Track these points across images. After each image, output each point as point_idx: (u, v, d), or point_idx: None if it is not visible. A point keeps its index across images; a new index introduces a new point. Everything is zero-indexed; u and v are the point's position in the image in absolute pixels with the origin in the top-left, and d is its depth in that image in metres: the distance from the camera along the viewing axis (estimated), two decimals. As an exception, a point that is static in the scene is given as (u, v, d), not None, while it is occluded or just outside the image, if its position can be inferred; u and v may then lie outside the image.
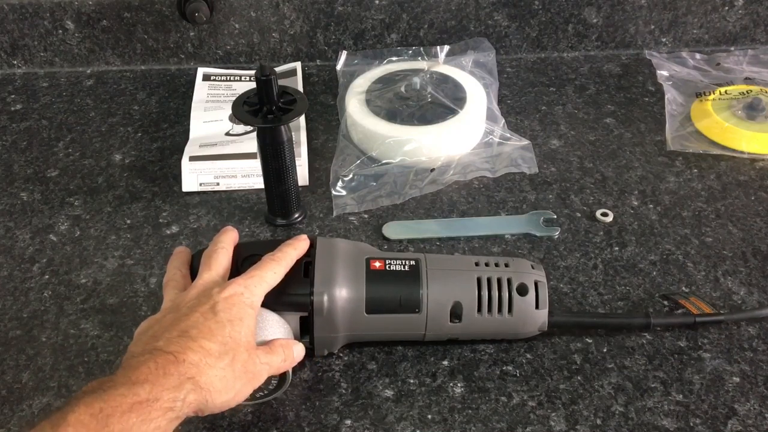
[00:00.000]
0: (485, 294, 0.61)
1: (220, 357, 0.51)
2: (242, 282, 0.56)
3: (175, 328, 0.52)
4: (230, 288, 0.55)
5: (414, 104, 0.85)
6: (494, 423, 0.58)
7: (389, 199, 0.79)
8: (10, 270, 0.73)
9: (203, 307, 0.54)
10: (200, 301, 0.55)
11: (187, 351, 0.50)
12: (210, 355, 0.51)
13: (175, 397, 0.48)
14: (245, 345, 0.53)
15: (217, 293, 0.55)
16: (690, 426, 0.58)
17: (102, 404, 0.45)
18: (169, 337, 0.51)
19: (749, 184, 0.81)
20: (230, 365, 0.52)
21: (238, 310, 0.54)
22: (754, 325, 0.66)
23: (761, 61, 0.97)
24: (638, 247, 0.74)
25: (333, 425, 0.58)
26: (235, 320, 0.54)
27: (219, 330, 0.52)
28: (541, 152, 0.86)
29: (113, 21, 0.99)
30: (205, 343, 0.51)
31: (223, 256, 0.60)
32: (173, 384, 0.48)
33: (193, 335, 0.51)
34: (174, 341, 0.51)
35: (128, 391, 0.46)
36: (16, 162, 0.87)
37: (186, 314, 0.53)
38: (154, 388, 0.47)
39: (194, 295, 0.56)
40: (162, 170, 0.85)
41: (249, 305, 0.55)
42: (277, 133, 0.70)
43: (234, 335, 0.53)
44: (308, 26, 1.00)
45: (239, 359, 0.53)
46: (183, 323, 0.52)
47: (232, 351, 0.52)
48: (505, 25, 1.01)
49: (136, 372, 0.48)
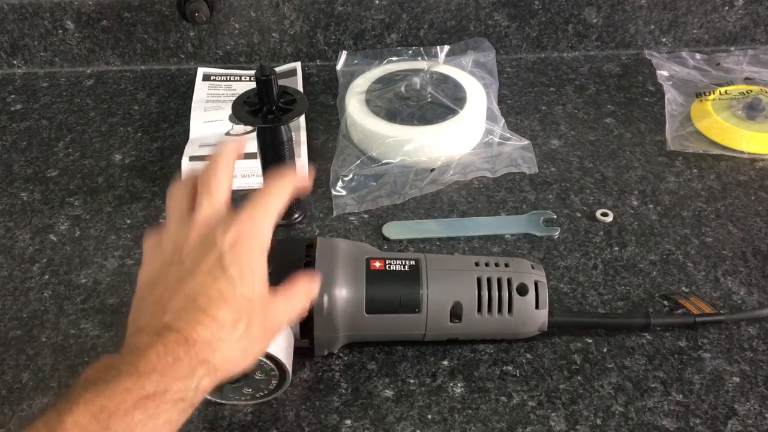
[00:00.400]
0: (485, 294, 0.61)
1: (234, 326, 0.45)
2: (247, 219, 0.48)
3: (181, 292, 0.46)
4: (235, 229, 0.48)
5: (414, 104, 0.85)
6: (494, 423, 0.58)
7: (389, 199, 0.79)
8: (10, 270, 0.73)
9: (208, 260, 0.47)
10: (204, 251, 0.47)
11: (197, 327, 0.44)
12: (223, 326, 0.45)
13: (186, 387, 0.43)
14: (260, 301, 0.47)
15: (221, 237, 0.47)
16: (690, 426, 0.58)
17: (104, 401, 0.40)
18: (175, 308, 0.45)
19: (749, 184, 0.81)
20: (246, 332, 0.46)
21: (249, 259, 0.47)
22: (754, 325, 0.66)
23: (761, 61, 0.97)
24: (638, 247, 0.74)
25: (333, 425, 0.58)
26: (246, 273, 0.47)
27: (230, 291, 0.46)
28: (541, 152, 0.86)
29: (113, 21, 0.99)
30: (217, 312, 0.45)
31: (225, 180, 0.51)
32: (184, 372, 0.43)
33: (201, 304, 0.45)
34: (182, 315, 0.45)
35: (134, 385, 0.41)
36: (16, 162, 0.87)
37: (191, 271, 0.47)
38: (162, 379, 0.42)
39: (197, 238, 0.48)
40: (162, 170, 0.85)
41: (259, 248, 0.48)
42: (277, 133, 0.70)
43: (246, 293, 0.46)
44: (308, 26, 1.00)
45: (255, 321, 0.47)
46: (189, 286, 0.46)
47: (247, 314, 0.46)
48: (505, 25, 1.01)
49: (143, 359, 0.42)
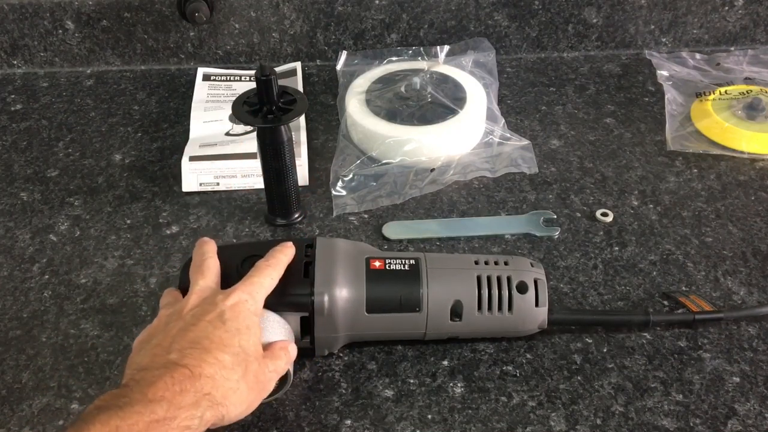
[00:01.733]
0: (485, 292, 0.61)
1: (233, 369, 0.50)
2: (245, 289, 0.55)
3: (184, 338, 0.51)
4: (234, 295, 0.54)
5: (414, 104, 0.85)
6: (494, 423, 0.58)
7: (389, 199, 0.79)
8: (10, 270, 0.73)
9: (210, 315, 0.52)
10: (205, 309, 0.53)
11: (202, 364, 0.49)
12: (225, 367, 0.50)
13: (192, 415, 0.47)
14: (255, 355, 0.53)
15: (222, 301, 0.54)
16: (690, 426, 0.58)
17: (118, 422, 0.43)
18: (180, 348, 0.50)
19: (749, 184, 0.81)
20: (243, 377, 0.51)
21: (245, 319, 0.53)
22: (754, 325, 0.66)
23: (761, 61, 0.97)
24: (638, 247, 0.74)
25: (333, 425, 0.58)
26: (243, 329, 0.53)
27: (230, 340, 0.51)
28: (541, 152, 0.86)
29: (113, 21, 0.99)
30: (219, 354, 0.50)
31: (212, 264, 0.59)
32: (190, 401, 0.47)
33: (205, 346, 0.50)
34: (187, 353, 0.49)
35: (145, 409, 0.45)
36: (16, 162, 0.87)
37: (193, 323, 0.52)
38: (171, 406, 0.46)
39: (196, 302, 0.55)
40: (162, 170, 0.85)
41: (254, 312, 0.55)
42: (277, 133, 0.70)
43: (244, 345, 0.52)
44: (308, 26, 1.00)
45: (251, 370, 0.52)
46: (192, 333, 0.51)
47: (244, 362, 0.51)
48: (505, 25, 1.01)
49: (153, 388, 0.46)
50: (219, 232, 0.76)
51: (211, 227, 0.77)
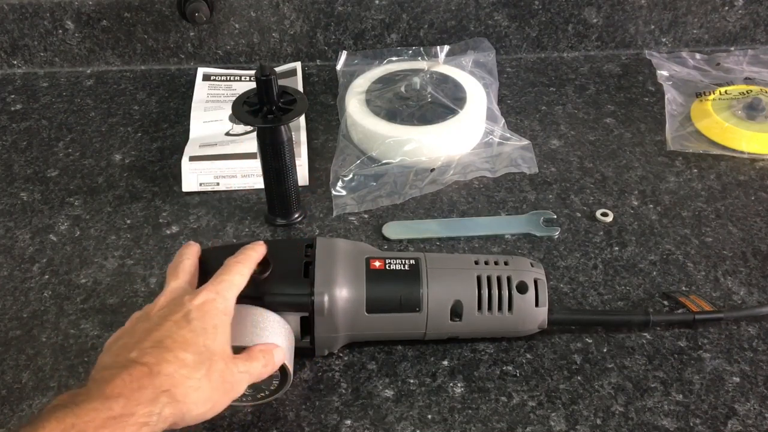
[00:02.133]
0: (485, 292, 0.61)
1: (196, 368, 0.50)
2: (213, 288, 0.55)
3: (148, 338, 0.50)
4: (202, 295, 0.54)
5: (414, 104, 0.85)
6: (494, 423, 0.58)
7: (389, 199, 0.79)
8: (10, 270, 0.73)
9: (176, 316, 0.52)
10: (172, 310, 0.53)
11: (162, 362, 0.48)
12: (186, 365, 0.49)
13: (150, 412, 0.46)
14: (221, 354, 0.52)
15: (189, 301, 0.53)
16: (690, 426, 0.58)
17: (74, 419, 0.43)
18: (142, 347, 0.49)
19: (749, 184, 0.81)
20: (207, 376, 0.50)
21: (212, 318, 0.53)
22: (754, 325, 0.66)
23: (761, 61, 0.97)
24: (638, 247, 0.74)
25: (333, 425, 0.58)
26: (210, 328, 0.52)
27: (194, 339, 0.51)
28: (541, 152, 0.86)
29: (113, 21, 0.99)
30: (181, 353, 0.50)
31: (188, 265, 0.59)
32: (148, 398, 0.47)
33: (167, 345, 0.50)
34: (148, 352, 0.49)
35: (102, 406, 0.44)
36: (16, 162, 0.87)
37: (158, 323, 0.52)
38: (128, 403, 0.45)
39: (164, 303, 0.54)
40: (162, 170, 0.85)
41: (222, 311, 0.54)
42: (277, 133, 0.70)
43: (209, 344, 0.51)
44: (308, 26, 1.00)
45: (216, 369, 0.51)
46: (156, 333, 0.51)
47: (208, 361, 0.51)
48: (505, 25, 1.01)
49: (110, 385, 0.46)
50: (219, 232, 0.76)
51: (211, 227, 0.77)
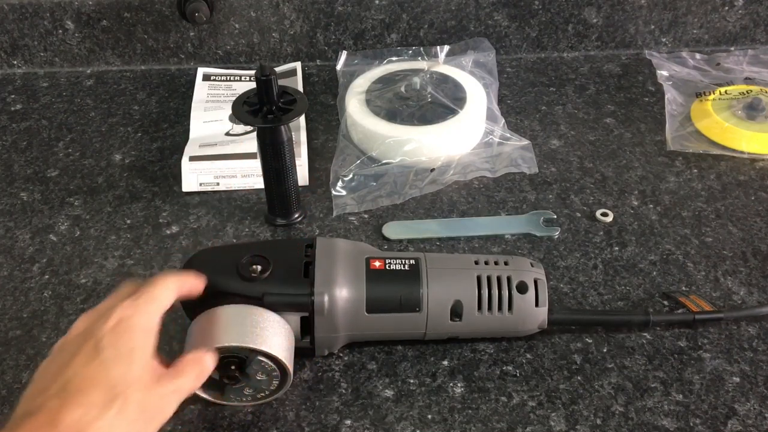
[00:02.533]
0: (485, 292, 0.61)
1: (106, 406, 0.46)
2: (129, 304, 0.50)
3: (57, 381, 0.47)
4: (115, 315, 0.49)
5: (414, 104, 0.85)
6: (494, 423, 0.58)
7: (389, 199, 0.79)
8: (10, 270, 0.73)
9: (86, 347, 0.48)
10: (84, 339, 0.49)
11: (62, 410, 0.45)
12: (93, 406, 0.45)
13: None
14: (137, 383, 0.48)
15: (102, 325, 0.49)
16: (690, 426, 0.58)
17: None
18: (47, 393, 0.46)
19: (749, 184, 0.81)
20: (120, 412, 0.46)
21: (128, 341, 0.48)
22: (754, 325, 0.66)
23: (761, 61, 0.97)
24: (638, 247, 0.74)
25: (333, 425, 0.58)
26: (125, 354, 0.48)
27: (102, 374, 0.47)
28: (541, 152, 0.86)
29: (113, 21, 0.99)
30: (87, 395, 0.46)
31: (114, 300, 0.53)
32: None
33: (71, 389, 0.46)
34: (51, 399, 0.45)
35: None
36: (16, 162, 0.87)
37: (67, 362, 0.48)
38: None
39: (80, 330, 0.50)
40: (162, 170, 0.85)
41: (141, 329, 0.49)
42: (277, 133, 0.70)
43: (123, 373, 0.47)
44: (308, 26, 1.00)
45: (132, 401, 0.47)
46: (64, 373, 0.47)
47: (122, 395, 0.46)
48: (505, 25, 1.01)
49: None
50: (219, 232, 0.76)
51: (211, 227, 0.77)
